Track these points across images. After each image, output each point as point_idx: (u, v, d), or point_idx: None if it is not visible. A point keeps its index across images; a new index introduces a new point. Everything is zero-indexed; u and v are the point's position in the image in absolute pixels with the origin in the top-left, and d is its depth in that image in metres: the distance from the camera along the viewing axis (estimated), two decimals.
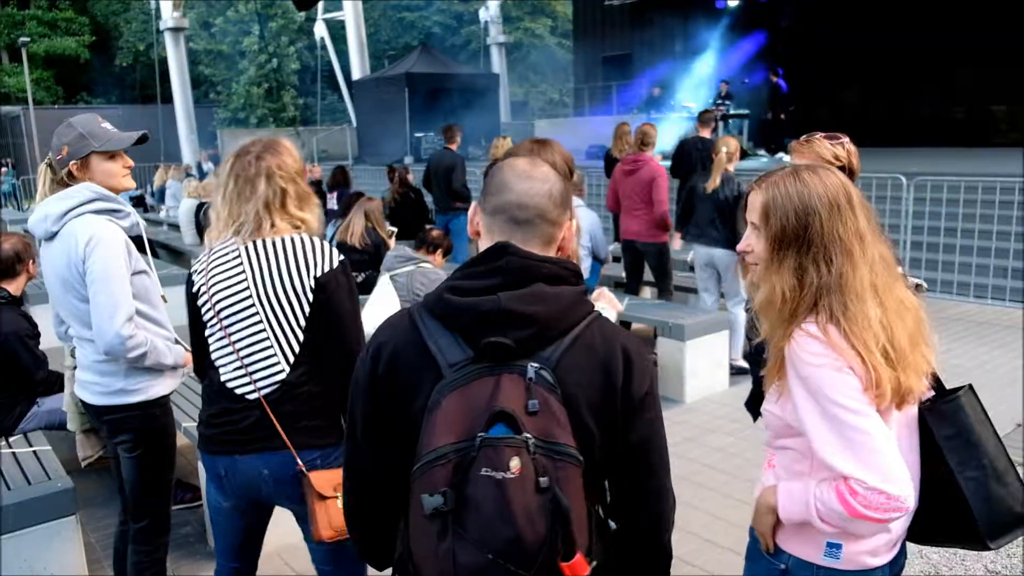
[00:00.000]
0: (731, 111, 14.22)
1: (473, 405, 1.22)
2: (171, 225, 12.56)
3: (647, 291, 6.94)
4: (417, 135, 18.70)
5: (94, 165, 2.46)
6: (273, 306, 2.07)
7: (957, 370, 5.55)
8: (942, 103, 14.24)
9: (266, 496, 2.18)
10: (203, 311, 2.15)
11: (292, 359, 2.09)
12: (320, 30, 25.94)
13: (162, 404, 2.61)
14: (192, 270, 2.22)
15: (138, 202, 16.17)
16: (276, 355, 2.09)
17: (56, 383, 3.95)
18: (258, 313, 2.09)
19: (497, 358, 1.25)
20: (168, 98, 23.13)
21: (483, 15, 25.74)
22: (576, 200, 4.88)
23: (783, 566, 1.67)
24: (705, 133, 8.04)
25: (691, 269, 6.68)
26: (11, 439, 3.58)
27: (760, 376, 1.73)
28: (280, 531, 2.41)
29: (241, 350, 2.11)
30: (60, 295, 2.50)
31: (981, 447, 1.63)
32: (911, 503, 1.47)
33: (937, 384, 1.70)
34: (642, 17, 19.11)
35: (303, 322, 2.08)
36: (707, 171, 5.84)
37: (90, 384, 2.54)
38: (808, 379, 1.50)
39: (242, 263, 2.11)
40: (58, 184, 2.48)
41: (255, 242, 2.12)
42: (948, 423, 1.63)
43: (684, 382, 5.30)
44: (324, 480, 2.08)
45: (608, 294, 1.54)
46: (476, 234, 1.41)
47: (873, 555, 1.61)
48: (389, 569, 1.49)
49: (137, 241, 2.53)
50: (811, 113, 14.18)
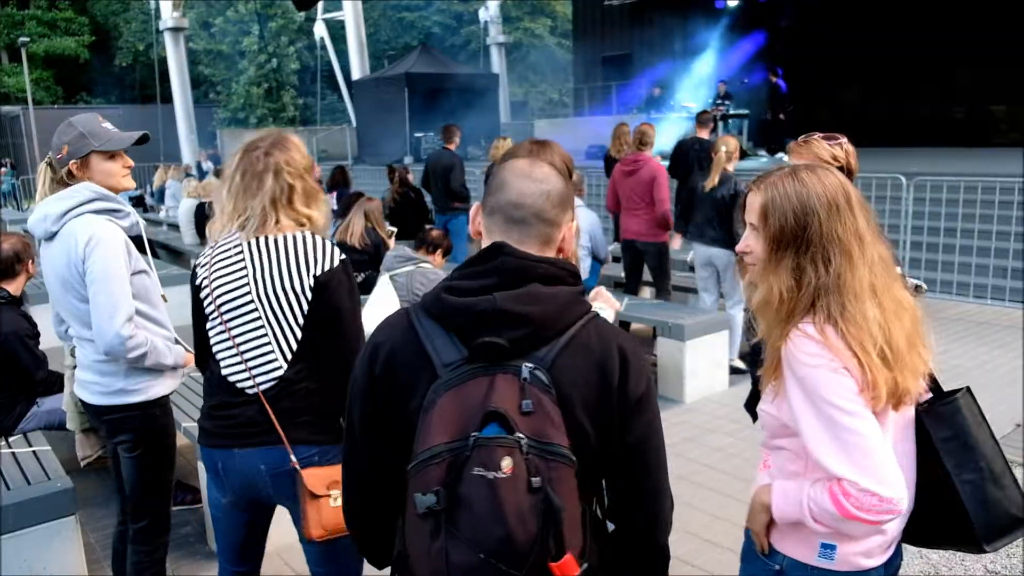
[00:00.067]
0: (731, 111, 14.23)
1: (467, 405, 1.22)
2: (171, 225, 12.56)
3: (646, 291, 6.94)
4: (417, 135, 18.69)
5: (94, 164, 2.46)
6: (272, 304, 2.08)
7: (957, 370, 5.55)
8: (942, 103, 14.25)
9: (264, 494, 2.18)
10: (205, 304, 2.16)
11: (290, 356, 2.10)
12: (320, 30, 25.96)
13: (162, 404, 2.61)
14: (196, 263, 2.22)
15: (138, 202, 16.16)
16: (274, 352, 2.10)
17: (56, 383, 3.95)
18: (257, 310, 2.09)
19: (492, 358, 1.25)
20: (168, 98, 23.13)
21: (483, 15, 25.75)
22: (575, 200, 4.86)
23: (777, 567, 1.67)
24: (703, 134, 8.03)
25: (691, 269, 6.68)
26: (11, 439, 3.58)
27: (758, 376, 1.73)
28: (280, 531, 2.41)
29: (240, 345, 2.11)
30: (60, 295, 2.50)
31: (978, 450, 1.63)
32: (904, 506, 1.46)
33: (935, 386, 1.70)
34: (642, 17, 19.12)
35: (301, 320, 2.09)
36: (706, 171, 5.85)
37: (90, 384, 2.54)
38: (804, 379, 1.50)
39: (244, 260, 2.12)
40: (58, 183, 2.47)
41: (258, 239, 2.12)
42: (945, 425, 1.63)
43: (684, 382, 5.30)
44: (317, 478, 2.08)
45: (606, 294, 1.54)
46: (478, 234, 1.41)
47: (867, 556, 1.61)
48: (388, 569, 1.49)
49: (137, 241, 2.53)
50: (811, 113, 14.19)
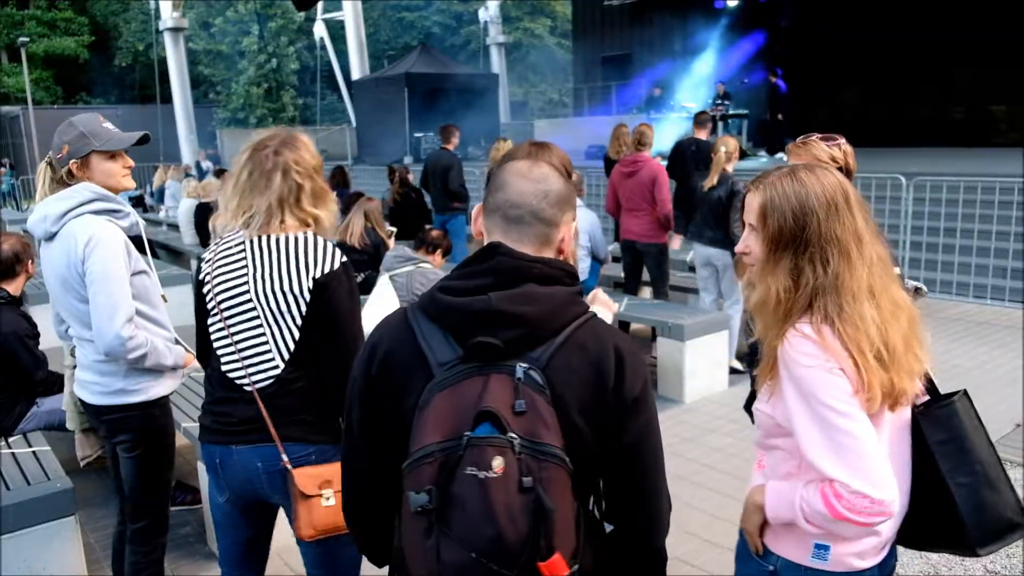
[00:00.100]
0: (730, 111, 14.23)
1: (462, 404, 1.22)
2: (170, 225, 12.56)
3: (646, 291, 6.94)
4: (416, 135, 18.68)
5: (94, 164, 2.46)
6: (271, 303, 2.08)
7: (956, 370, 5.56)
8: (941, 103, 14.25)
9: (261, 492, 2.17)
10: (207, 300, 2.17)
11: (287, 356, 2.10)
12: (319, 30, 25.96)
13: (161, 404, 2.61)
14: (201, 257, 2.23)
15: (137, 202, 16.15)
16: (271, 351, 2.10)
17: (56, 383, 3.95)
18: (256, 309, 2.09)
19: (486, 358, 1.25)
20: (167, 98, 23.12)
21: (482, 15, 25.75)
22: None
23: (771, 567, 1.67)
24: (701, 134, 8.03)
25: (691, 269, 6.68)
26: (10, 439, 3.58)
27: (756, 376, 1.73)
28: (280, 531, 2.40)
29: (239, 343, 2.12)
30: (60, 295, 2.50)
31: (974, 453, 1.62)
32: (895, 508, 1.46)
33: (931, 388, 1.69)
34: (641, 17, 19.11)
35: (299, 321, 2.08)
36: (703, 171, 5.84)
37: (90, 384, 2.54)
38: (800, 380, 1.49)
39: (245, 258, 2.12)
40: (58, 183, 2.47)
41: (260, 238, 2.12)
42: (942, 428, 1.62)
43: (683, 382, 5.30)
44: (309, 478, 2.07)
45: (603, 297, 1.53)
46: (480, 235, 1.41)
47: (861, 557, 1.61)
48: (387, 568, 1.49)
49: (137, 241, 2.53)
50: (810, 113, 14.20)
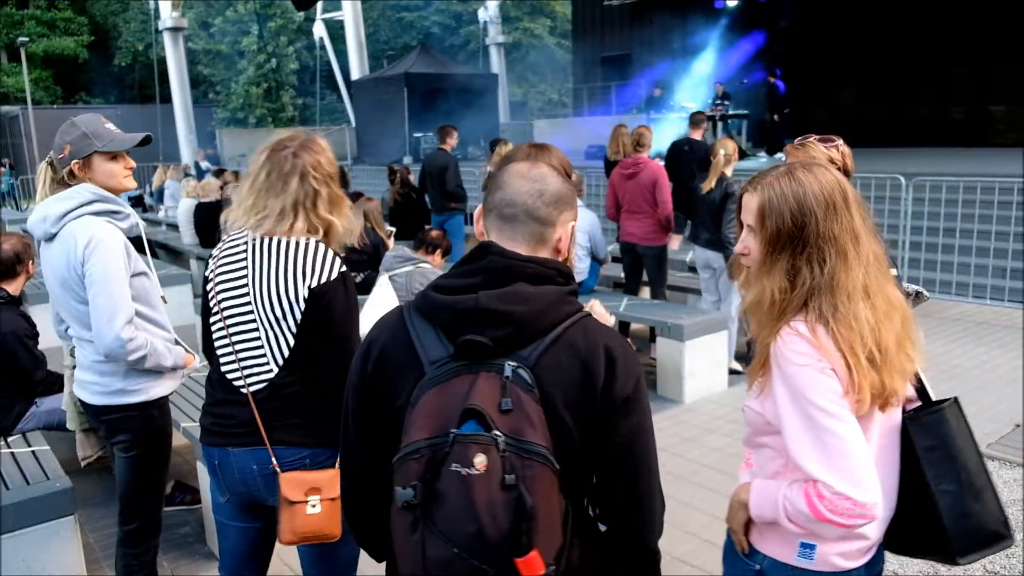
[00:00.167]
0: (730, 111, 14.23)
1: (450, 402, 1.23)
2: (170, 225, 12.55)
3: (645, 292, 6.94)
4: (416, 135, 18.68)
5: (96, 165, 2.46)
6: (267, 307, 2.07)
7: (956, 370, 5.56)
8: (940, 103, 14.25)
9: (258, 494, 2.17)
10: (209, 298, 2.16)
11: (282, 361, 2.09)
12: (319, 30, 25.95)
13: (160, 405, 2.61)
14: (211, 254, 2.22)
15: (137, 202, 16.12)
16: (266, 355, 2.09)
17: (55, 383, 3.95)
18: (253, 312, 2.09)
19: (475, 356, 1.26)
20: (167, 98, 23.12)
21: (482, 15, 25.75)
22: None
23: (758, 567, 1.67)
24: (695, 135, 8.03)
25: (691, 269, 6.68)
26: (10, 439, 3.58)
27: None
28: None
29: (236, 344, 2.11)
30: (59, 296, 2.50)
31: (960, 461, 1.61)
32: (878, 511, 1.46)
33: (923, 394, 1.69)
34: (641, 17, 19.12)
35: (294, 328, 2.07)
36: (697, 171, 5.83)
37: (89, 384, 2.54)
38: (790, 378, 1.49)
39: (246, 260, 2.11)
40: (58, 183, 2.47)
41: (262, 239, 2.10)
42: (930, 434, 1.62)
43: (683, 382, 5.30)
44: (296, 483, 2.06)
45: (599, 309, 1.52)
46: (481, 235, 1.42)
47: (848, 557, 1.60)
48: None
49: (136, 242, 2.53)
50: (809, 113, 14.21)
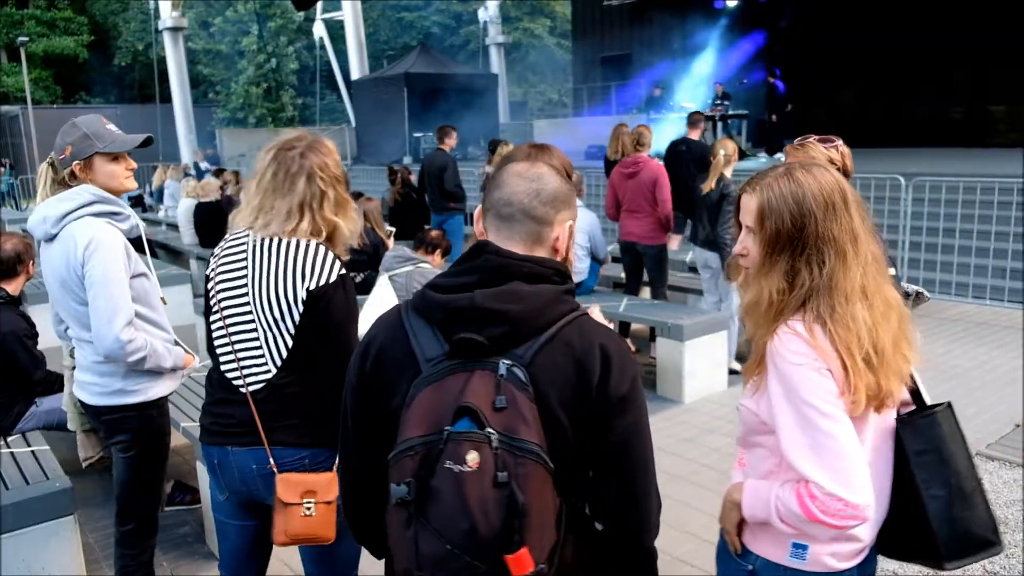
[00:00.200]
0: (729, 111, 14.23)
1: (444, 400, 1.24)
2: (170, 225, 12.56)
3: (646, 291, 6.94)
4: (416, 135, 18.69)
5: (97, 166, 2.46)
6: (266, 307, 2.07)
7: (956, 370, 5.56)
8: (940, 103, 14.25)
9: (257, 493, 2.17)
10: (210, 297, 2.16)
11: (280, 362, 2.09)
12: (319, 30, 25.96)
13: (159, 405, 2.61)
14: (212, 253, 2.22)
15: (137, 202, 16.13)
16: (265, 355, 2.09)
17: (55, 383, 3.95)
18: (252, 312, 2.09)
19: (470, 354, 1.27)
20: (167, 98, 23.13)
21: (482, 15, 25.77)
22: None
23: (750, 567, 1.67)
24: (693, 134, 8.03)
25: (691, 269, 6.68)
26: (9, 439, 3.58)
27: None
28: None
29: (235, 343, 2.11)
30: (59, 296, 2.50)
31: (950, 466, 1.61)
32: (870, 512, 1.46)
33: (917, 398, 1.69)
34: (641, 17, 19.12)
35: (292, 329, 2.07)
36: (693, 171, 5.82)
37: (89, 384, 2.54)
38: (786, 377, 1.49)
39: (246, 260, 2.11)
40: (59, 184, 2.47)
41: (263, 239, 2.10)
42: (922, 438, 1.62)
43: (683, 382, 5.30)
44: (292, 485, 2.06)
45: (597, 313, 1.52)
46: (481, 234, 1.43)
47: (840, 558, 1.60)
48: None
49: (136, 243, 2.53)
50: (809, 113, 14.21)
